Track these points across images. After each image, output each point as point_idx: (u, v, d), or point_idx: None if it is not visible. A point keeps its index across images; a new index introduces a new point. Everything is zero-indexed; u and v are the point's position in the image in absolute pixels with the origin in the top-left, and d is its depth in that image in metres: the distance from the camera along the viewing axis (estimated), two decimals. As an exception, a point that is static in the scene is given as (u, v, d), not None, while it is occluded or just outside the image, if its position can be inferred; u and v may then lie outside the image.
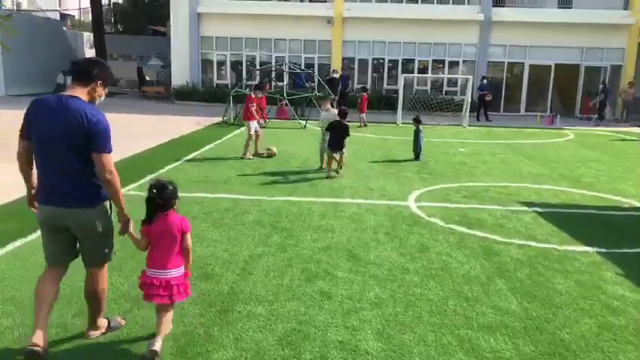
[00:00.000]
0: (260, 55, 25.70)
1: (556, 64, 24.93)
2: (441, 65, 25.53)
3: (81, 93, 3.41)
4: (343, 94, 19.26)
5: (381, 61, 25.62)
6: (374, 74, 25.81)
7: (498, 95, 24.49)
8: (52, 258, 3.52)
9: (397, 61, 25.45)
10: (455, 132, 17.04)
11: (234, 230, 6.13)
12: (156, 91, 28.14)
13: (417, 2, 24.92)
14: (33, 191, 3.51)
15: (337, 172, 9.51)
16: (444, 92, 24.81)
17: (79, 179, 3.37)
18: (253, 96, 11.63)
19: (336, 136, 9.47)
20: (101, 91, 3.54)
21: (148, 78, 31.43)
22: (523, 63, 25.10)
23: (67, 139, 3.27)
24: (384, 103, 23.55)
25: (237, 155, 11.18)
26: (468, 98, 19.05)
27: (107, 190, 3.41)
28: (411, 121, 11.56)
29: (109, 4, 46.99)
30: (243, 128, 15.42)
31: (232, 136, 14.34)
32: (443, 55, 25.29)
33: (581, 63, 24.96)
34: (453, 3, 24.85)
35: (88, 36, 35.57)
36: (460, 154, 12.47)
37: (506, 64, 25.21)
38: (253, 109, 11.28)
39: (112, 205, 3.52)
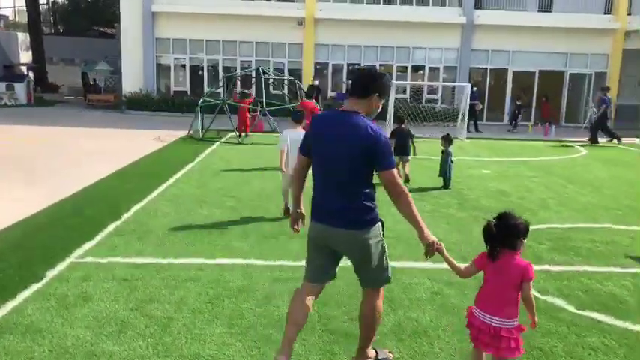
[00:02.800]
0: (223, 59, 23.11)
1: (540, 71, 23.57)
2: (421, 71, 23.72)
3: (360, 107, 3.16)
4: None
5: (357, 66, 23.53)
6: (349, 80, 23.67)
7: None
8: (314, 276, 3.37)
9: (374, 66, 23.41)
10: (456, 146, 15.00)
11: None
12: (104, 100, 25.01)
13: (395, 3, 23.02)
14: (298, 211, 3.49)
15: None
16: (423, 100, 22.96)
17: (357, 199, 3.13)
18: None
19: (401, 140, 9.14)
20: (378, 104, 3.21)
21: (93, 82, 28.16)
22: (506, 69, 23.59)
23: (349, 156, 3.07)
24: (362, 112, 21.41)
25: (217, 187, 8.72)
26: (465, 108, 17.16)
27: (400, 208, 3.13)
28: (440, 140, 9.39)
29: (48, 3, 42.95)
30: (215, 145, 12.94)
31: (206, 157, 11.80)
32: (423, 60, 23.48)
33: (566, 69, 23.69)
34: (433, 4, 23.10)
35: (23, 37, 31.83)
36: (489, 177, 10.46)
37: (488, 70, 23.62)
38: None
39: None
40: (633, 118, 23.98)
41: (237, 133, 14.75)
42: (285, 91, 18.87)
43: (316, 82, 18.08)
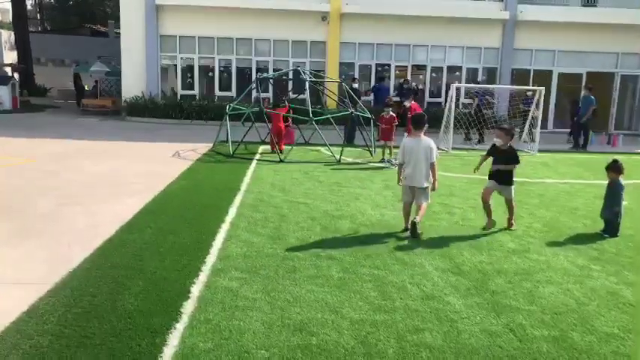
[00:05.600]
0: (236, 59, 20.47)
1: (588, 73, 21.25)
2: (457, 73, 21.27)
3: None
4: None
5: (387, 67, 21.05)
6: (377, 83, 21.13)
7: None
8: None
9: (406, 67, 20.98)
10: (529, 163, 12.60)
11: None
12: (100, 105, 22.20)
13: (430, -4, 20.55)
14: None
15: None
16: (459, 105, 20.41)
17: None
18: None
19: (500, 163, 6.61)
20: None
21: (87, 87, 25.34)
22: (551, 71, 21.23)
23: None
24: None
25: (300, 238, 6.16)
26: (538, 115, 14.69)
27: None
28: (607, 170, 6.88)
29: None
30: (253, 164, 10.29)
31: (252, 182, 9.20)
32: (459, 60, 21.05)
33: (617, 71, 21.41)
34: (471, -1, 20.70)
35: (7, 34, 28.84)
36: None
37: (532, 71, 21.23)
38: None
39: None
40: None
41: (278, 149, 12.13)
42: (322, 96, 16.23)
43: (356, 85, 15.51)
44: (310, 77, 13.68)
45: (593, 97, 15.98)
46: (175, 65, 20.56)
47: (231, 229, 6.37)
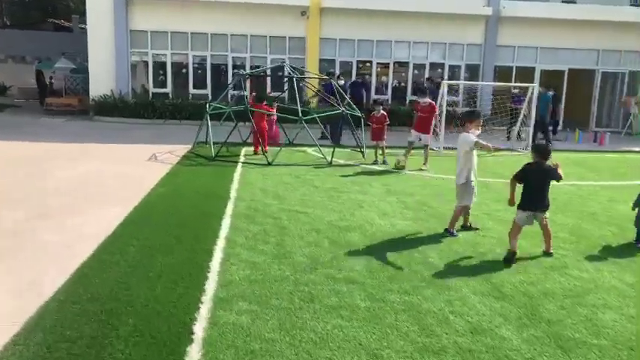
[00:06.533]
0: (211, 55, 19.48)
1: (570, 69, 21.03)
2: (440, 70, 20.76)
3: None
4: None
5: (368, 64, 20.39)
6: (358, 79, 20.45)
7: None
8: None
9: (388, 64, 20.36)
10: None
11: None
12: (66, 104, 20.89)
13: (412, -9, 19.95)
14: None
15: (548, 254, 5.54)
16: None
17: None
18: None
19: (536, 185, 5.49)
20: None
21: (49, 83, 23.92)
22: (534, 68, 20.91)
23: None
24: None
25: (308, 255, 5.40)
26: (531, 113, 14.19)
27: None
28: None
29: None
30: (239, 168, 9.40)
31: (241, 188, 8.36)
32: (442, 57, 20.53)
33: (597, 68, 21.24)
34: (454, -6, 20.17)
35: (-38, 30, 27.12)
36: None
37: (514, 68, 20.87)
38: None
39: None
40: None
41: (262, 150, 11.32)
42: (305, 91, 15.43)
43: (341, 82, 14.78)
44: (296, 74, 12.83)
45: (550, 94, 15.64)
46: (146, 62, 19.44)
47: (227, 245, 5.55)
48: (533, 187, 5.47)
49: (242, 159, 11.16)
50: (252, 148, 11.93)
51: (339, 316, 4.01)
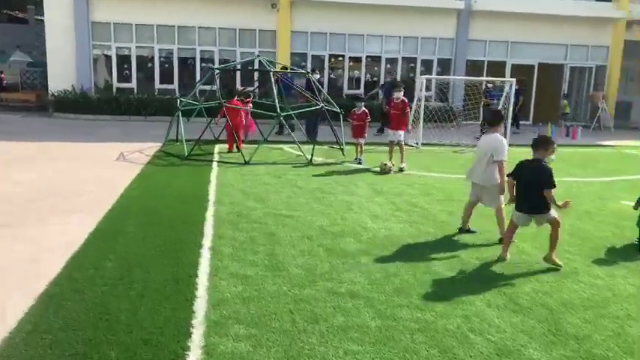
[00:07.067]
0: (178, 49, 18.72)
1: (539, 64, 21.14)
2: (412, 64, 20.54)
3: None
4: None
5: (340, 58, 19.99)
6: (331, 74, 20.09)
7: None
8: None
9: (360, 58, 20.01)
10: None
11: None
12: (23, 99, 19.77)
13: (385, -16, 19.62)
14: None
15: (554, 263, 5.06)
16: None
17: None
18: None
19: (528, 184, 5.08)
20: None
21: (5, 80, 22.64)
22: (505, 62, 20.92)
23: None
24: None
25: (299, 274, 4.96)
26: (509, 107, 14.05)
27: None
28: None
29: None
30: (214, 168, 8.84)
31: (220, 192, 7.84)
32: (414, 51, 20.31)
33: (566, 62, 21.42)
34: (426, -13, 19.94)
35: None
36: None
37: (486, 63, 20.83)
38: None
39: None
40: (625, 116, 22.40)
41: (238, 148, 10.80)
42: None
43: (317, 76, 14.34)
44: (272, 67, 12.30)
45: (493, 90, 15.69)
46: (110, 56, 18.53)
47: (214, 257, 5.06)
48: (525, 186, 5.11)
49: (216, 157, 10.60)
50: (225, 146, 11.38)
51: (349, 339, 3.60)
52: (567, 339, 3.70)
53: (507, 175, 5.36)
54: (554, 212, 5.07)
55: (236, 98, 11.64)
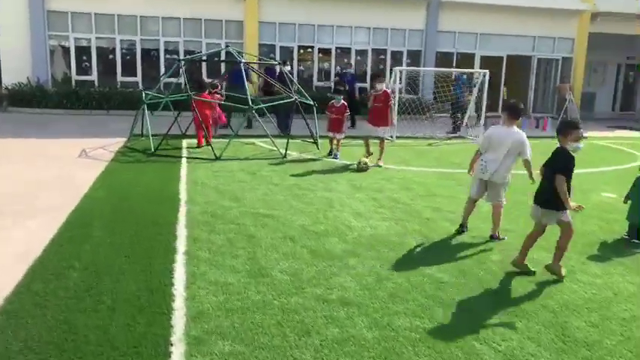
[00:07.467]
0: (141, 40, 17.97)
1: (508, 56, 21.23)
2: (382, 56, 20.31)
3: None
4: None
5: (309, 50, 19.60)
6: (300, 67, 19.69)
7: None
8: None
9: (330, 50, 19.65)
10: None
11: None
12: (-26, 93, 18.63)
13: (354, -26, 19.28)
14: None
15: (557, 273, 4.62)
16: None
17: None
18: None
19: (545, 174, 4.73)
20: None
21: None
22: (474, 54, 20.92)
23: None
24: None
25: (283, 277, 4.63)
26: (483, 98, 13.94)
27: None
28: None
29: None
30: (184, 164, 8.37)
31: (191, 190, 7.40)
32: (384, 43, 20.07)
33: (534, 54, 21.58)
34: (395, -23, 19.71)
35: None
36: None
37: (455, 54, 20.78)
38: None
39: None
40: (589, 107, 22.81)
41: (207, 142, 10.33)
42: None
43: (288, 68, 13.93)
44: (243, 58, 11.81)
45: (465, 78, 15.62)
46: (68, 47, 17.64)
47: (190, 262, 4.67)
48: (542, 174, 4.76)
49: (185, 153, 10.12)
50: (194, 141, 10.89)
51: (346, 355, 3.28)
52: (577, 346, 3.48)
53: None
54: (568, 216, 4.64)
55: (207, 92, 11.16)
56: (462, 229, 5.75)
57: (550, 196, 4.57)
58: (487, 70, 14.07)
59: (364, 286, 4.29)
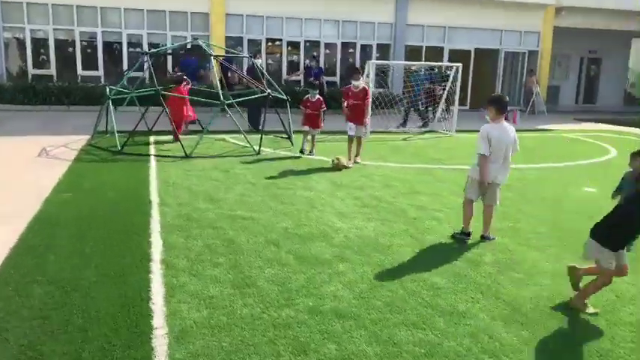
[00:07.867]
0: (102, 32, 17.22)
1: (475, 49, 21.30)
2: (352, 50, 20.06)
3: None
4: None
5: (278, 43, 19.19)
6: (269, 61, 19.26)
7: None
8: None
9: (299, 43, 19.29)
10: (457, 145, 11.78)
11: None
12: None
13: (323, -34, 18.94)
14: None
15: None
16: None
17: None
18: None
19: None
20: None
21: None
22: (442, 47, 20.89)
23: None
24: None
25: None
26: (456, 91, 13.81)
27: None
28: (633, 158, 5.57)
29: None
30: (152, 163, 7.93)
31: (162, 192, 6.98)
32: (354, 36, 19.83)
33: (501, 48, 21.72)
34: (364, -30, 19.46)
35: None
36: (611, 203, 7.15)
37: (424, 48, 20.70)
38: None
39: None
40: (554, 100, 23.18)
41: (175, 138, 9.88)
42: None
43: (259, 62, 13.52)
44: (212, 51, 11.33)
45: (422, 73, 15.50)
46: (23, 39, 16.75)
47: (167, 273, 4.30)
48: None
49: (153, 151, 9.64)
50: (161, 137, 10.41)
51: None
52: (591, 357, 3.28)
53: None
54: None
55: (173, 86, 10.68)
56: (465, 237, 5.34)
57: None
58: (460, 64, 13.97)
59: (358, 294, 4.02)
